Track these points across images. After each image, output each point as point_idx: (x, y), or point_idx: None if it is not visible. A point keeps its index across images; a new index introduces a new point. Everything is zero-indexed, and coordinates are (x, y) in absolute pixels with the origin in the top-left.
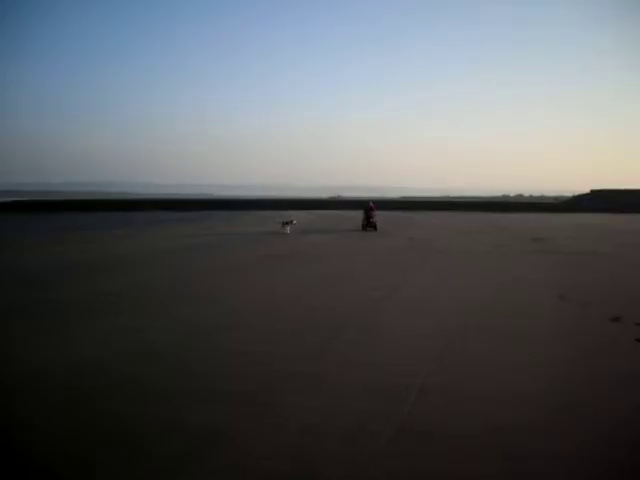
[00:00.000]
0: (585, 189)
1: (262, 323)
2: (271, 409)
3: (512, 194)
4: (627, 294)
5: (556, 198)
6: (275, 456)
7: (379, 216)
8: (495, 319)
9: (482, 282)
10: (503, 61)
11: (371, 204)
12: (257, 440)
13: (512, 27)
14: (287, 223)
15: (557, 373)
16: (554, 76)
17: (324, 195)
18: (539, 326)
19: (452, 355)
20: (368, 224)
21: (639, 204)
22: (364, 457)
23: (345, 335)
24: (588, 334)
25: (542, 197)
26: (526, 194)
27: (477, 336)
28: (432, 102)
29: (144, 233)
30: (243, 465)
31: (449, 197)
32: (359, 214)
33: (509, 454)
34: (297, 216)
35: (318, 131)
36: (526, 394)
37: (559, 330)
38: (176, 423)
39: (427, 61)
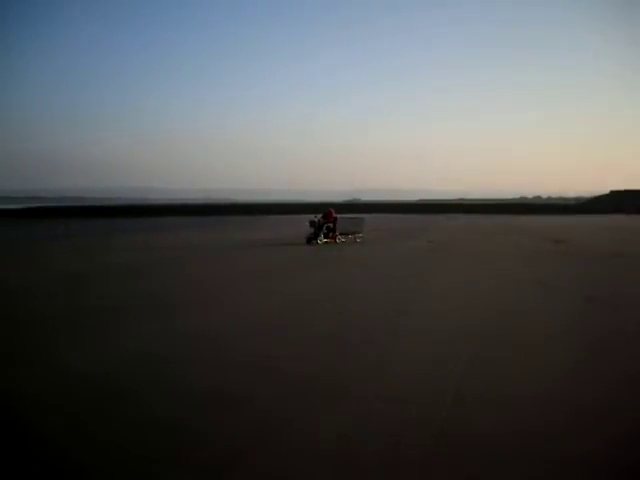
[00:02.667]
0: (604, 190)
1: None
2: (304, 414)
3: (530, 196)
4: None
5: (576, 199)
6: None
7: (372, 219)
8: (523, 324)
9: (505, 286)
10: (513, 56)
11: (331, 210)
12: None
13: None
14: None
15: (594, 379)
16: (569, 73)
17: (341, 199)
18: (568, 330)
19: (482, 361)
20: (326, 234)
21: None
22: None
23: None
24: (621, 337)
25: (561, 199)
26: (544, 196)
27: (505, 342)
28: (448, 99)
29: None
30: None
31: (466, 199)
32: (374, 217)
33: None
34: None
35: (332, 132)
36: (565, 399)
37: (589, 333)
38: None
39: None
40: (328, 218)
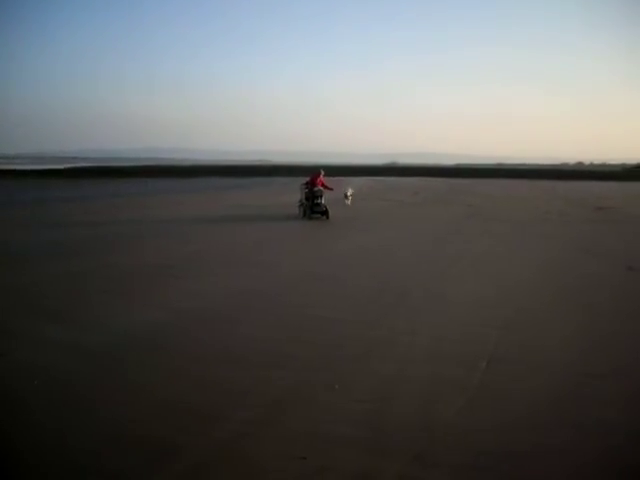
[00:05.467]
0: None
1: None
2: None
3: (572, 162)
4: None
5: (622, 166)
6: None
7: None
8: (565, 289)
9: (545, 252)
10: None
11: (321, 172)
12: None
13: None
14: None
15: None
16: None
17: (379, 162)
18: (612, 296)
19: (521, 324)
20: (313, 207)
21: None
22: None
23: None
24: None
25: (604, 165)
26: (586, 162)
27: (547, 308)
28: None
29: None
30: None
31: (505, 165)
32: (415, 181)
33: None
34: (357, 184)
35: (372, 93)
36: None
37: (631, 301)
38: None
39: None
40: (316, 183)
